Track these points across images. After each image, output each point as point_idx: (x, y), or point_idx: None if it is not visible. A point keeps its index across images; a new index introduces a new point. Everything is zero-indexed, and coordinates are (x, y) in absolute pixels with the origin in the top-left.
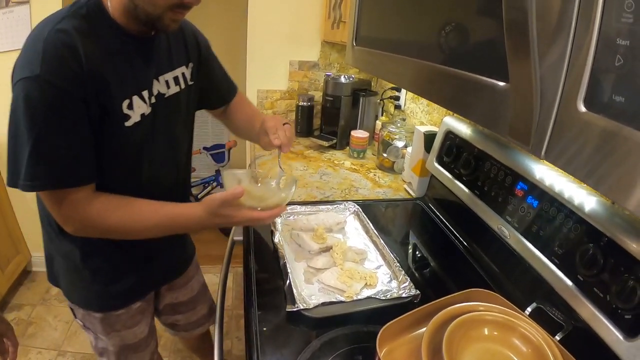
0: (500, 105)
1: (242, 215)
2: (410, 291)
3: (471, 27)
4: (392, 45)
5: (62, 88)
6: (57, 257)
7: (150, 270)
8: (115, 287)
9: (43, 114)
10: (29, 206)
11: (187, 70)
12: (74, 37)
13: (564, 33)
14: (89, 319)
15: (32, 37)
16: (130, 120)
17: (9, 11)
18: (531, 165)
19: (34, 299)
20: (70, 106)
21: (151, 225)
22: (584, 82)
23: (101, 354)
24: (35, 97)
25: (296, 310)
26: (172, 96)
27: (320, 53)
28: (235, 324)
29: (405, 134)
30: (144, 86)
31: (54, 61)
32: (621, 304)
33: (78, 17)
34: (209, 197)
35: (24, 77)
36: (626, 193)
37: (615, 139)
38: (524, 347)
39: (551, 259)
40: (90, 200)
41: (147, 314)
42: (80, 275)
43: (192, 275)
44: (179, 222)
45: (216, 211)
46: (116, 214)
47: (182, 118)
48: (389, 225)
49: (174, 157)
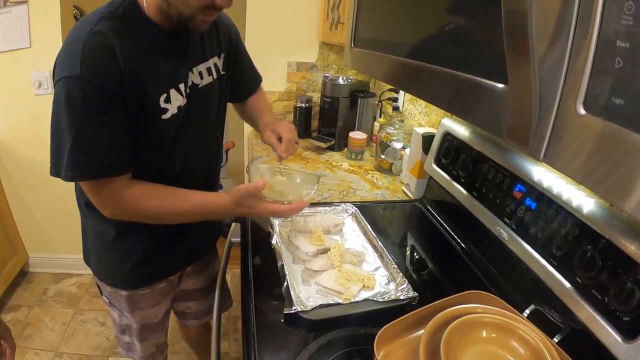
0: (499, 107)
1: (264, 207)
2: (408, 293)
3: (470, 29)
4: (390, 47)
5: (101, 87)
6: (91, 236)
7: (177, 251)
8: (144, 267)
9: (83, 110)
10: (26, 207)
11: (220, 61)
12: (111, 38)
13: (563, 35)
14: (115, 296)
15: (70, 39)
16: (168, 113)
17: (7, 11)
18: (529, 167)
19: (31, 300)
20: (109, 103)
21: (183, 212)
22: (584, 84)
23: (123, 331)
24: (75, 95)
25: (293, 312)
26: (206, 86)
27: (318, 54)
28: (233, 325)
29: (403, 135)
30: (180, 79)
31: (93, 62)
32: (619, 306)
33: (114, 17)
34: (235, 187)
35: (65, 76)
36: (625, 195)
37: (615, 141)
38: (522, 350)
39: (549, 261)
40: (126, 188)
41: (169, 296)
42: (112, 254)
43: (210, 263)
44: (208, 210)
45: (241, 201)
46: (151, 201)
47: (215, 108)
48: (387, 227)
49: (207, 146)
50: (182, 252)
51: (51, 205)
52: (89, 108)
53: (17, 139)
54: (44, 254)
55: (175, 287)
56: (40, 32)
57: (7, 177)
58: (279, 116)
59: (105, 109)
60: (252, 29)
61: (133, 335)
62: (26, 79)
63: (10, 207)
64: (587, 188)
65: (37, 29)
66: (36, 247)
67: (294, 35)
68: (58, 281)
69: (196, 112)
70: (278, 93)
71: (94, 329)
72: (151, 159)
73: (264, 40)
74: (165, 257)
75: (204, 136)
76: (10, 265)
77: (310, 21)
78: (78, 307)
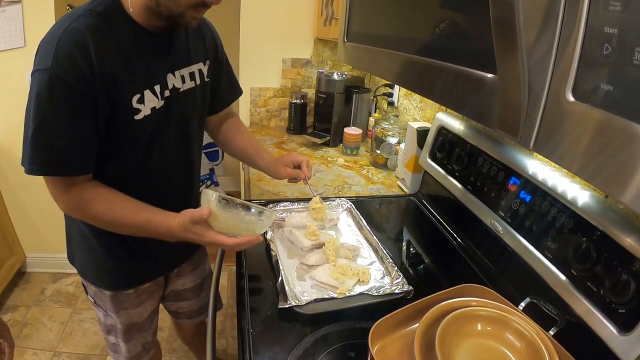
0: (490, 97)
1: (210, 236)
2: (403, 287)
3: (460, 21)
4: (382, 41)
5: (69, 84)
6: (75, 236)
7: (162, 253)
8: (127, 268)
9: (49, 105)
10: (23, 207)
11: (204, 67)
12: (87, 36)
13: (551, 23)
14: (100, 296)
15: (49, 33)
16: (140, 114)
17: (1, 11)
18: (524, 160)
19: (28, 300)
20: (75, 101)
21: (129, 224)
22: (572, 71)
23: (108, 332)
24: (44, 88)
25: (288, 307)
26: (187, 91)
27: (313, 50)
28: (230, 322)
29: (398, 130)
30: (156, 80)
31: (65, 59)
32: (615, 298)
33: (94, 14)
34: (188, 210)
35: (38, 69)
36: (619, 185)
37: (605, 128)
38: (517, 343)
39: (544, 253)
40: (81, 189)
41: (155, 295)
42: (95, 254)
43: (200, 262)
44: (153, 228)
45: (187, 226)
46: (101, 206)
47: (196, 113)
48: (383, 222)
49: (185, 151)
50: (168, 253)
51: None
52: (55, 104)
53: (13, 139)
54: (41, 253)
55: (161, 287)
56: (35, 31)
57: (3, 177)
58: (274, 112)
59: (70, 108)
60: (246, 26)
61: (118, 336)
62: (21, 79)
63: (7, 208)
64: (576, 175)
65: (32, 28)
66: (33, 247)
67: (289, 32)
68: (55, 281)
69: (175, 116)
70: (273, 89)
71: (91, 328)
72: (127, 158)
73: (258, 37)
74: (150, 258)
75: (183, 140)
76: (8, 266)
77: (304, 17)
78: (76, 307)
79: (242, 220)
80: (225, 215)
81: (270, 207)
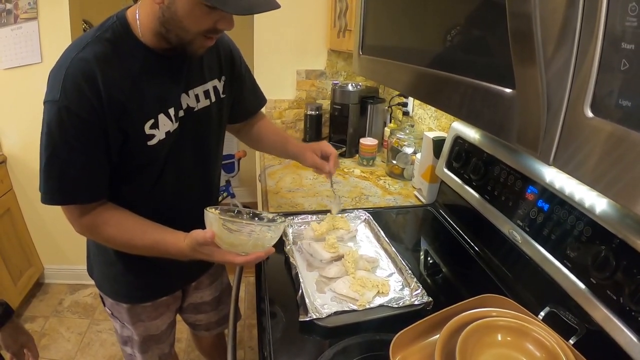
0: (508, 112)
1: (220, 255)
2: (423, 298)
3: (476, 34)
4: (398, 54)
5: (78, 115)
6: (94, 250)
7: (179, 268)
8: (145, 282)
9: (59, 136)
10: (41, 219)
11: (220, 84)
12: (94, 66)
13: (568, 38)
14: (117, 308)
15: (58, 63)
16: (154, 139)
17: (18, 27)
18: (541, 168)
19: (46, 311)
20: (85, 131)
21: (139, 246)
22: (590, 87)
23: (125, 343)
24: (54, 120)
25: (309, 319)
26: (202, 110)
27: (326, 62)
28: (248, 333)
29: (414, 140)
30: (170, 104)
31: (73, 90)
32: (635, 306)
33: (102, 41)
34: (195, 231)
35: (48, 100)
36: (635, 198)
37: (623, 143)
38: (538, 352)
39: (563, 262)
40: (95, 213)
41: (173, 307)
42: (114, 268)
43: (218, 276)
44: (162, 249)
45: (195, 248)
46: (111, 229)
47: (213, 131)
48: (400, 233)
49: (202, 170)
50: (186, 268)
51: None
52: (65, 134)
53: (31, 153)
54: (59, 265)
55: (179, 299)
56: (51, 47)
57: (22, 191)
58: (289, 124)
59: (81, 137)
60: (260, 39)
61: (134, 347)
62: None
63: (25, 220)
64: (598, 191)
65: (48, 44)
66: (51, 259)
67: (302, 44)
68: (73, 292)
69: (190, 136)
70: (288, 101)
71: (109, 338)
72: (142, 181)
73: (272, 49)
74: (168, 273)
75: (200, 159)
76: (26, 277)
77: (317, 29)
78: (93, 318)
79: (248, 237)
80: (229, 236)
81: (278, 216)
